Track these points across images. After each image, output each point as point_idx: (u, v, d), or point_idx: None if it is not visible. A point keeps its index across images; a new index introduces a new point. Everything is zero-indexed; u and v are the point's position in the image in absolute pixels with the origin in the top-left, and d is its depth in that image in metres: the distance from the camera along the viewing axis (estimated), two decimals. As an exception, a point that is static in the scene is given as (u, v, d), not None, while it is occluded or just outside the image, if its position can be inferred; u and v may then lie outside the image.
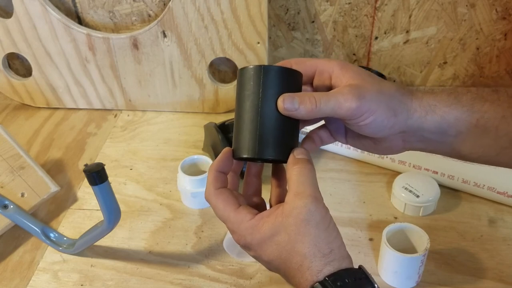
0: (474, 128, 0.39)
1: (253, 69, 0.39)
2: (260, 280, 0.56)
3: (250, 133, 0.39)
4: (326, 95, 0.38)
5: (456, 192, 0.67)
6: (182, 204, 0.68)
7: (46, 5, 0.78)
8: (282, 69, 0.40)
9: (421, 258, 0.52)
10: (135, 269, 0.58)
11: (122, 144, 0.81)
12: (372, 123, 0.39)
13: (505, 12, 0.81)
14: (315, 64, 0.41)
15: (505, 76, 0.89)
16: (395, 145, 0.43)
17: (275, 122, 0.39)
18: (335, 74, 0.40)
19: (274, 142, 0.40)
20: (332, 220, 0.39)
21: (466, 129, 0.40)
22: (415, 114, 0.40)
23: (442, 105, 0.39)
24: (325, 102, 0.38)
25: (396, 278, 0.55)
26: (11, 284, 0.58)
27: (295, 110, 0.38)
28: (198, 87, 0.84)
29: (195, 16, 0.76)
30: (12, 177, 0.63)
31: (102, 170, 0.50)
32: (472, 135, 0.40)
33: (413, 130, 0.40)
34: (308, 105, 0.38)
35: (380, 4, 0.82)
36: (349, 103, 0.37)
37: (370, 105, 0.38)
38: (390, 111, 0.39)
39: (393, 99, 0.39)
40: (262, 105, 0.39)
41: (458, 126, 0.40)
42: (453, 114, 0.39)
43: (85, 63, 0.83)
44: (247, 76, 0.39)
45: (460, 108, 0.39)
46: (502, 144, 0.40)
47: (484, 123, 0.39)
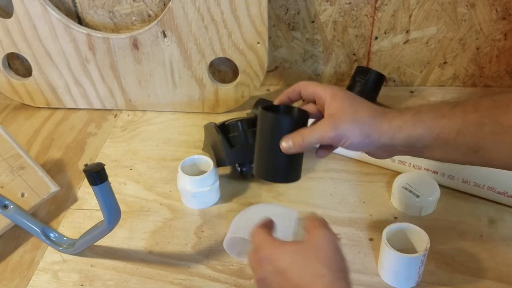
0: (435, 141, 0.47)
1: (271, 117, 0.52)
2: (260, 280, 0.56)
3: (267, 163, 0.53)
4: (311, 131, 0.49)
5: (456, 192, 0.67)
6: (182, 204, 0.68)
7: (46, 5, 0.78)
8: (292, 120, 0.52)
9: (421, 258, 0.52)
10: (135, 269, 0.58)
11: (122, 144, 0.81)
12: (351, 145, 0.48)
13: (505, 12, 0.81)
14: (314, 90, 0.51)
15: (505, 76, 0.89)
16: (380, 155, 0.52)
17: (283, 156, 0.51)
18: (327, 102, 0.49)
19: (283, 170, 0.52)
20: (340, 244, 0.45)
21: (430, 142, 0.47)
22: (386, 135, 0.48)
23: (408, 125, 0.47)
24: (309, 137, 0.48)
25: (396, 278, 0.55)
26: (11, 284, 0.58)
27: (290, 148, 0.49)
28: (198, 87, 0.84)
29: (195, 16, 0.76)
30: (12, 177, 0.63)
31: (102, 170, 0.50)
32: (436, 146, 0.47)
33: (387, 146, 0.49)
34: (298, 142, 0.49)
35: (380, 4, 0.82)
36: (328, 133, 0.48)
37: (345, 133, 0.48)
38: (363, 134, 0.48)
39: (364, 124, 0.48)
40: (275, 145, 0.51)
41: (422, 141, 0.47)
42: (416, 132, 0.47)
43: (85, 63, 0.83)
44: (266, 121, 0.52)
45: (422, 126, 0.47)
46: (463, 152, 0.47)
47: (443, 136, 0.46)
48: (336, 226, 0.63)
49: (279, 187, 0.70)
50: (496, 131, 0.44)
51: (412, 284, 0.55)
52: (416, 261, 0.53)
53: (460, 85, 0.91)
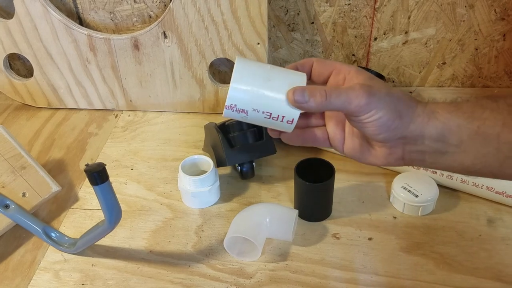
0: (475, 135, 0.40)
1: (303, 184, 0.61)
2: (260, 279, 0.56)
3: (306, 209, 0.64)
4: (337, 90, 0.40)
5: (455, 192, 0.67)
6: (182, 204, 0.68)
7: (47, 6, 0.78)
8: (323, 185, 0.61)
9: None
10: (135, 269, 0.59)
11: (123, 144, 0.81)
12: (377, 121, 0.40)
13: (504, 12, 0.81)
14: (333, 65, 0.43)
15: (503, 76, 0.89)
16: (394, 153, 0.43)
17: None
18: (350, 75, 0.42)
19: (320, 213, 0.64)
20: None
21: (468, 137, 0.40)
22: (418, 119, 0.40)
23: (444, 111, 0.40)
24: (335, 96, 0.39)
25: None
26: (12, 283, 0.58)
27: (305, 102, 0.40)
28: (198, 87, 0.84)
29: (196, 17, 0.77)
30: (14, 177, 0.63)
31: (103, 170, 0.50)
32: (474, 144, 0.40)
33: (415, 137, 0.41)
34: (318, 98, 0.39)
35: (379, 5, 0.82)
36: (359, 99, 0.39)
37: (378, 103, 0.39)
38: (395, 112, 0.40)
39: (400, 101, 0.40)
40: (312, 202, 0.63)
41: (459, 133, 0.40)
42: (454, 121, 0.40)
43: (86, 63, 0.83)
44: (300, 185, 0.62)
45: (461, 114, 0.40)
46: (505, 153, 0.40)
47: (485, 130, 0.39)
48: (335, 226, 0.63)
49: (279, 187, 0.70)
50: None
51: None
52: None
53: (459, 86, 0.91)
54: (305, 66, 0.45)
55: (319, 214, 0.64)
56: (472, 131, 0.39)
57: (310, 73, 0.45)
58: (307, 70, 0.45)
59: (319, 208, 0.64)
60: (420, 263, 0.57)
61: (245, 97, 0.41)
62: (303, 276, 0.57)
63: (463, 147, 0.40)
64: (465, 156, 0.41)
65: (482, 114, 0.40)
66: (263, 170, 0.73)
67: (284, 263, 0.58)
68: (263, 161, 0.74)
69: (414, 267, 0.57)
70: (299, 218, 0.63)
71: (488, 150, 0.40)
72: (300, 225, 0.63)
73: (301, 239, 0.61)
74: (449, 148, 0.41)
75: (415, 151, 0.42)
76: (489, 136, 0.39)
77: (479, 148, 0.40)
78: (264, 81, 0.41)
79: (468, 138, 0.40)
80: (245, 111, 0.42)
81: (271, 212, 0.60)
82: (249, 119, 0.43)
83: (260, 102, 0.41)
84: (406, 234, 0.61)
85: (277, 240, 0.61)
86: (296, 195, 0.64)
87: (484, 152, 0.40)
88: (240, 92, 0.41)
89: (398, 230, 0.62)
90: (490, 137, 0.39)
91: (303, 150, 0.76)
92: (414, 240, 0.60)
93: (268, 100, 0.41)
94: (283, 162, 0.74)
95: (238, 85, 0.41)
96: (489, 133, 0.39)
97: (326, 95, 0.39)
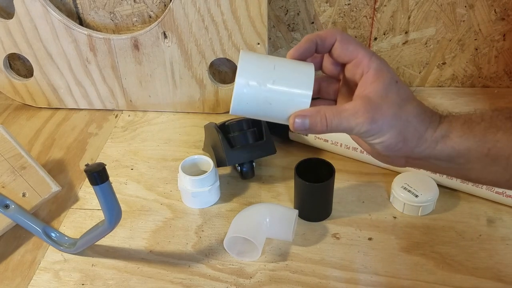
0: (484, 157, 0.39)
1: (303, 184, 0.61)
2: (260, 279, 0.56)
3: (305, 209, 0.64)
4: (339, 117, 0.37)
5: (454, 192, 0.67)
6: (182, 204, 0.68)
7: (47, 6, 0.78)
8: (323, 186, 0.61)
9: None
10: (135, 269, 0.59)
11: (123, 144, 0.81)
12: (379, 144, 0.39)
13: (504, 12, 0.81)
14: (356, 52, 0.40)
15: (503, 76, 0.89)
16: (397, 162, 0.42)
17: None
18: (368, 77, 0.39)
19: (319, 213, 0.65)
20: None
21: (476, 159, 0.39)
22: (425, 144, 0.39)
23: (455, 136, 0.39)
24: (336, 124, 0.38)
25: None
26: (12, 283, 0.58)
27: (305, 130, 0.38)
28: (198, 87, 0.84)
29: (196, 17, 0.77)
30: (14, 177, 0.63)
31: (103, 170, 0.50)
32: (482, 164, 0.39)
33: (419, 157, 0.40)
34: (319, 127, 0.38)
35: (379, 5, 0.82)
36: (360, 126, 0.37)
37: (381, 129, 0.37)
38: (400, 136, 0.38)
39: (408, 125, 0.38)
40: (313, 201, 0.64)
41: (468, 156, 0.39)
42: (464, 145, 0.38)
43: (86, 63, 0.83)
44: (300, 184, 0.62)
45: (472, 138, 0.38)
46: (511, 173, 0.39)
47: (495, 152, 0.38)
48: (335, 226, 0.63)
49: (279, 187, 0.70)
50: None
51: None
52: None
53: (459, 86, 0.91)
54: (326, 42, 0.41)
55: (319, 214, 0.64)
56: (481, 153, 0.38)
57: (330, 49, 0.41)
58: (328, 46, 0.41)
59: (319, 208, 0.64)
60: (420, 263, 0.57)
61: (250, 104, 0.40)
62: (303, 276, 0.57)
63: (469, 166, 0.39)
64: (471, 172, 0.40)
65: (494, 136, 0.38)
66: (263, 170, 0.73)
67: (284, 263, 0.58)
68: (263, 161, 0.74)
69: (414, 267, 0.57)
70: (299, 218, 0.63)
71: (496, 169, 0.39)
72: (300, 225, 0.63)
73: (301, 239, 0.61)
74: (455, 166, 0.40)
75: (418, 164, 0.42)
76: (499, 158, 0.38)
77: (487, 167, 0.39)
78: (269, 80, 0.39)
79: (476, 160, 0.39)
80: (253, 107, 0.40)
81: (271, 212, 0.60)
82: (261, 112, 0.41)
83: (265, 107, 0.40)
84: (406, 234, 0.61)
85: (277, 240, 0.61)
86: (296, 195, 0.64)
87: (491, 170, 0.39)
88: (246, 88, 0.39)
89: (398, 230, 0.62)
90: (500, 159, 0.38)
91: (303, 150, 0.76)
92: (414, 240, 0.61)
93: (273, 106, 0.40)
94: (283, 162, 0.74)
95: (244, 81, 0.39)
96: (499, 155, 0.38)
97: (327, 123, 0.38)
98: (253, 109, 0.40)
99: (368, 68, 0.39)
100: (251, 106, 0.39)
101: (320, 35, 0.41)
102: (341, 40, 0.40)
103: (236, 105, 0.40)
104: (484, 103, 0.87)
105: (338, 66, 0.41)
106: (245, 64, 0.40)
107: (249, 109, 0.40)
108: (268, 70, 0.40)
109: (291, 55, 0.42)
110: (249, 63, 0.40)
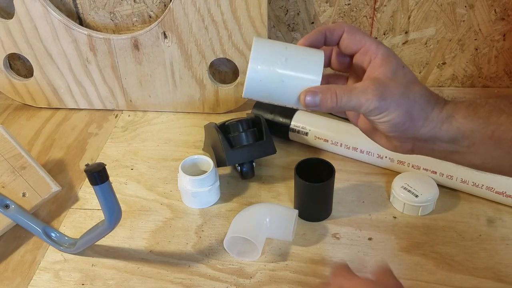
0: (488, 139, 0.40)
1: (303, 184, 0.61)
2: (260, 279, 0.56)
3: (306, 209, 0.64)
4: (349, 94, 0.39)
5: (454, 192, 0.67)
6: (182, 204, 0.68)
7: (47, 6, 0.78)
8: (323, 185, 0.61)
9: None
10: (135, 269, 0.59)
11: (123, 144, 0.81)
12: (387, 123, 0.40)
13: (504, 12, 0.81)
14: (363, 41, 0.42)
15: (503, 76, 0.89)
16: (405, 146, 0.44)
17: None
18: (376, 62, 0.41)
19: (319, 213, 0.64)
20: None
21: (480, 141, 0.40)
22: (431, 124, 0.41)
23: (460, 116, 0.40)
24: (346, 101, 0.39)
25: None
26: (12, 283, 0.58)
27: (316, 106, 0.40)
28: (198, 87, 0.84)
29: (196, 17, 0.77)
30: (14, 177, 0.63)
31: (103, 170, 0.50)
32: (486, 147, 0.40)
33: (426, 138, 0.41)
34: (329, 103, 0.39)
35: (379, 5, 0.82)
36: (369, 103, 0.39)
37: (389, 106, 0.39)
38: (407, 115, 0.40)
39: (414, 105, 0.40)
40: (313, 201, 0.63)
41: (472, 137, 0.40)
42: (468, 126, 0.40)
43: (86, 63, 0.83)
44: (300, 184, 0.62)
45: (476, 120, 0.40)
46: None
47: (499, 135, 0.39)
48: (335, 226, 0.63)
49: (279, 187, 0.70)
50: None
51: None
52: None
53: (459, 86, 0.91)
54: (334, 34, 0.43)
55: (319, 214, 0.64)
56: (485, 135, 0.40)
57: (338, 41, 0.43)
58: (336, 38, 0.43)
59: (319, 208, 0.64)
60: (420, 263, 0.57)
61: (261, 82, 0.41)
62: (303, 276, 0.57)
63: (474, 149, 0.41)
64: (475, 156, 0.41)
65: (498, 119, 0.39)
66: (263, 170, 0.73)
67: (284, 263, 0.58)
68: (263, 161, 0.74)
69: (414, 267, 0.57)
70: (299, 218, 0.63)
71: (500, 152, 0.40)
72: (300, 225, 0.63)
73: (301, 239, 0.61)
74: (460, 149, 0.41)
75: (425, 148, 0.43)
76: (502, 141, 0.39)
77: (490, 151, 0.40)
78: (281, 63, 0.41)
79: (480, 142, 0.40)
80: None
81: (271, 212, 0.60)
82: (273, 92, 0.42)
83: (276, 86, 0.41)
84: (406, 234, 0.61)
85: (277, 240, 0.61)
86: (296, 195, 0.64)
87: (495, 154, 0.40)
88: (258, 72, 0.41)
89: (398, 230, 0.62)
90: (503, 142, 0.39)
91: (303, 150, 0.76)
92: (414, 240, 0.61)
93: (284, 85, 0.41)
94: (283, 162, 0.74)
95: (256, 66, 0.41)
96: (503, 138, 0.39)
97: (337, 99, 0.39)
98: (266, 89, 0.41)
99: (376, 54, 0.41)
100: (264, 85, 0.41)
101: (329, 27, 0.43)
102: (348, 30, 0.42)
103: (250, 84, 0.41)
104: (484, 103, 0.87)
105: (346, 60, 0.43)
106: (259, 45, 0.41)
107: (261, 89, 0.41)
108: (281, 51, 0.41)
109: (301, 43, 0.43)
110: (263, 44, 0.42)
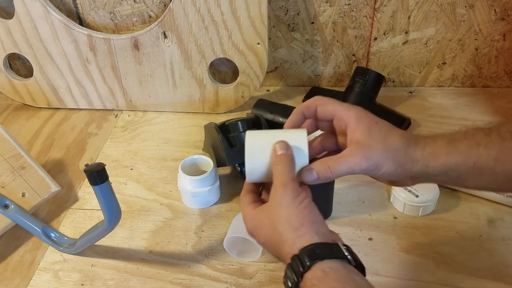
0: (472, 169, 0.44)
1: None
2: (260, 279, 0.56)
3: None
4: (339, 163, 0.45)
5: (455, 192, 0.67)
6: (182, 204, 0.68)
7: (47, 6, 0.78)
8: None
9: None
10: (135, 269, 0.59)
11: (123, 144, 0.81)
12: (382, 175, 0.45)
13: (504, 12, 0.81)
14: (334, 110, 0.47)
15: (503, 76, 0.89)
16: (406, 183, 0.48)
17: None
18: (351, 126, 0.46)
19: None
20: (306, 200, 0.44)
21: (465, 171, 0.45)
22: (419, 164, 0.45)
23: (442, 154, 0.45)
24: (339, 169, 0.44)
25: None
26: (12, 283, 0.58)
27: (315, 180, 0.45)
28: (198, 87, 0.84)
29: (196, 17, 0.76)
30: (13, 177, 0.63)
31: (102, 170, 0.50)
32: (472, 175, 0.45)
33: (419, 175, 0.46)
34: (326, 174, 0.45)
35: (379, 5, 0.82)
36: (359, 165, 0.44)
37: (378, 163, 0.44)
38: (396, 164, 0.44)
39: (398, 153, 0.45)
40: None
41: (458, 169, 0.45)
42: (452, 161, 0.44)
43: (86, 63, 0.83)
44: None
45: (457, 155, 0.44)
46: (501, 180, 0.45)
47: (480, 165, 0.44)
48: (335, 226, 0.63)
49: (279, 187, 0.70)
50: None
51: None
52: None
53: (459, 86, 0.91)
54: (309, 110, 0.48)
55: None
56: (469, 167, 0.44)
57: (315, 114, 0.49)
58: (312, 112, 0.48)
59: (319, 208, 0.63)
60: (421, 263, 0.57)
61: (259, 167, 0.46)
62: (303, 276, 0.56)
63: (463, 177, 0.45)
64: (466, 182, 0.46)
65: (476, 152, 0.44)
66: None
67: (284, 263, 0.58)
68: (263, 161, 0.74)
69: (414, 267, 0.57)
70: None
71: (486, 178, 0.45)
72: (300, 225, 0.63)
73: (301, 239, 0.61)
74: (451, 178, 0.46)
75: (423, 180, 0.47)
76: (484, 169, 0.44)
77: (477, 178, 0.45)
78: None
79: (466, 172, 0.45)
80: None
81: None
82: None
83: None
84: (406, 234, 0.61)
85: (277, 240, 0.61)
86: None
87: (482, 180, 0.45)
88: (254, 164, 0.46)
89: (399, 230, 0.62)
90: (486, 170, 0.44)
91: (303, 150, 0.76)
92: (414, 240, 0.60)
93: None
94: (283, 162, 0.74)
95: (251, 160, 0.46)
96: (484, 167, 0.44)
97: (331, 170, 0.45)
98: (263, 173, 0.46)
99: (349, 119, 0.46)
100: (261, 171, 0.46)
101: (304, 105, 0.48)
102: (320, 104, 0.48)
103: (249, 172, 0.46)
104: (484, 103, 0.87)
105: (328, 122, 0.49)
106: (250, 138, 0.47)
107: (260, 175, 0.46)
108: (269, 139, 0.47)
109: (287, 127, 0.49)
110: (254, 137, 0.47)
